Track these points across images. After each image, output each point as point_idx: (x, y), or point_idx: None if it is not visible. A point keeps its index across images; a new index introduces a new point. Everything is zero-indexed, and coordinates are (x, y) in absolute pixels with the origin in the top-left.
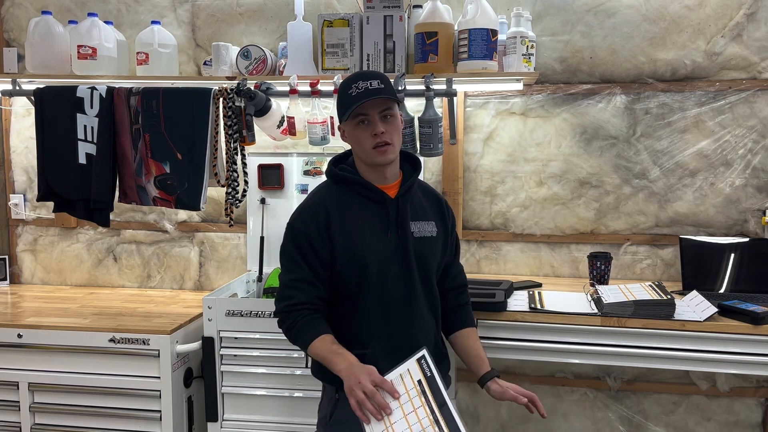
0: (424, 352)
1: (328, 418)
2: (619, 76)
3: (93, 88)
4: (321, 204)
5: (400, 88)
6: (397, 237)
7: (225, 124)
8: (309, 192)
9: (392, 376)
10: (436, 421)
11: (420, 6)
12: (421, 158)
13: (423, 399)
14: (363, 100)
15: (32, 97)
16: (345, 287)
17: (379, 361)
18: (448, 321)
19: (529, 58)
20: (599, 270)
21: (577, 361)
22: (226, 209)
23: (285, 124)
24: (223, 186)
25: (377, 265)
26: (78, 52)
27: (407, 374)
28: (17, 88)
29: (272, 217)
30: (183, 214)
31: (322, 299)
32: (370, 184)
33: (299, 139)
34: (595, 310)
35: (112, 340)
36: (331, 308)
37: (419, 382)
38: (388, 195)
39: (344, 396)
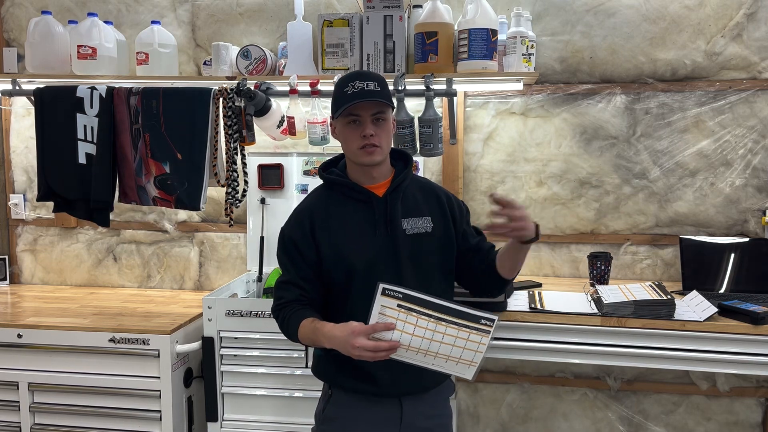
0: (380, 285)
1: (321, 412)
2: (619, 76)
3: (93, 88)
4: (307, 209)
5: (400, 88)
6: (386, 235)
7: (225, 124)
8: (308, 193)
9: (374, 318)
10: (439, 319)
11: (420, 6)
12: (422, 158)
13: (414, 313)
14: (356, 101)
15: (32, 97)
16: (334, 288)
17: (367, 362)
18: (493, 269)
19: (529, 58)
20: (599, 270)
21: (577, 361)
22: (226, 209)
23: (285, 124)
24: (223, 186)
25: (364, 265)
26: (78, 52)
27: (385, 308)
28: (17, 88)
29: (272, 217)
30: (183, 214)
31: (309, 297)
32: (355, 184)
33: (299, 139)
34: (595, 310)
35: (112, 340)
36: (325, 308)
37: (399, 306)
38: (376, 194)
39: (335, 392)
